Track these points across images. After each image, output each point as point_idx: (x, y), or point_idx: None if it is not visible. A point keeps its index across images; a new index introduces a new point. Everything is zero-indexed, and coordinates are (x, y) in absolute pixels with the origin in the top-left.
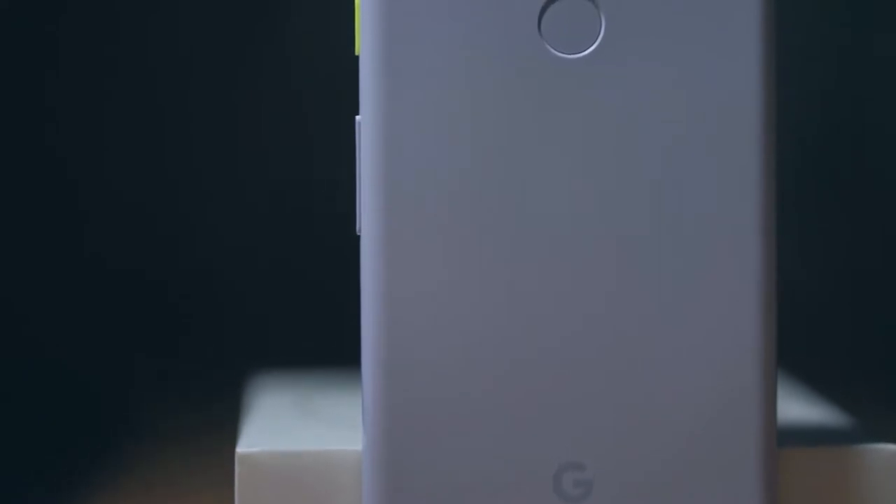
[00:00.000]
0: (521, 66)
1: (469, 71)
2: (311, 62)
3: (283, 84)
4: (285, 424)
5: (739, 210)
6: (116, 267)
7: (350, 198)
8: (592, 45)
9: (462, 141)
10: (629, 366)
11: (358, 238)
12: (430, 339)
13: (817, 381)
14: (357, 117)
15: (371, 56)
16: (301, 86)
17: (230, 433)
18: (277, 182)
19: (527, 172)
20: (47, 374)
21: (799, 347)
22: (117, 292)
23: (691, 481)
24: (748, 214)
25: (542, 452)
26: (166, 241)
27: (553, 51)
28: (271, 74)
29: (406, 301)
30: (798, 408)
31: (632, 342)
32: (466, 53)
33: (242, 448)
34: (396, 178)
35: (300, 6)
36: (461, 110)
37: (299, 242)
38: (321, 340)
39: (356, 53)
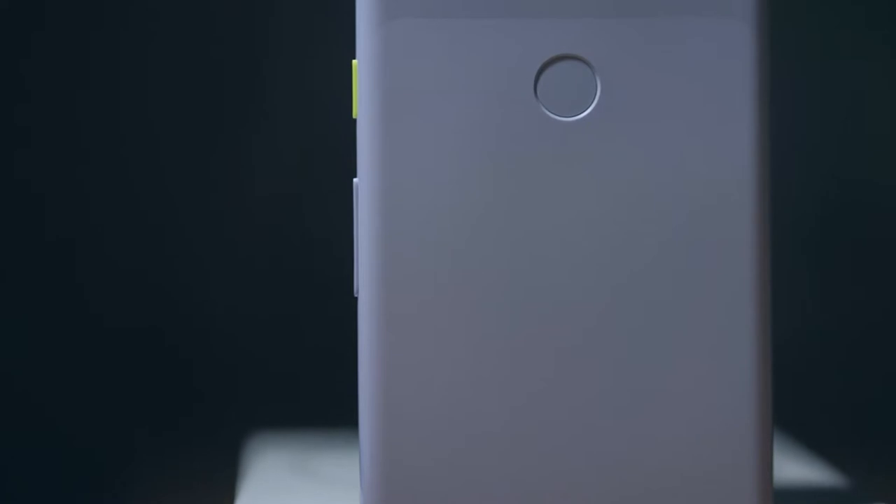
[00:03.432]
0: (518, 129)
1: (466, 134)
2: (308, 124)
3: (282, 144)
4: (283, 484)
5: (734, 270)
6: (113, 328)
7: (348, 259)
8: (588, 107)
9: (459, 203)
10: (623, 438)
11: (355, 300)
12: (427, 401)
13: (813, 443)
14: (355, 180)
15: (368, 119)
16: (300, 148)
17: (228, 493)
18: (275, 244)
19: (524, 235)
20: (42, 434)
21: (795, 409)
22: (114, 353)
23: None
24: (743, 274)
25: None
26: (163, 301)
27: (549, 113)
28: (270, 135)
29: (403, 363)
30: (794, 469)
31: (627, 410)
32: (463, 116)
33: None
34: (394, 240)
35: (298, 67)
36: (458, 173)
37: (297, 303)
38: (319, 401)
39: (353, 116)
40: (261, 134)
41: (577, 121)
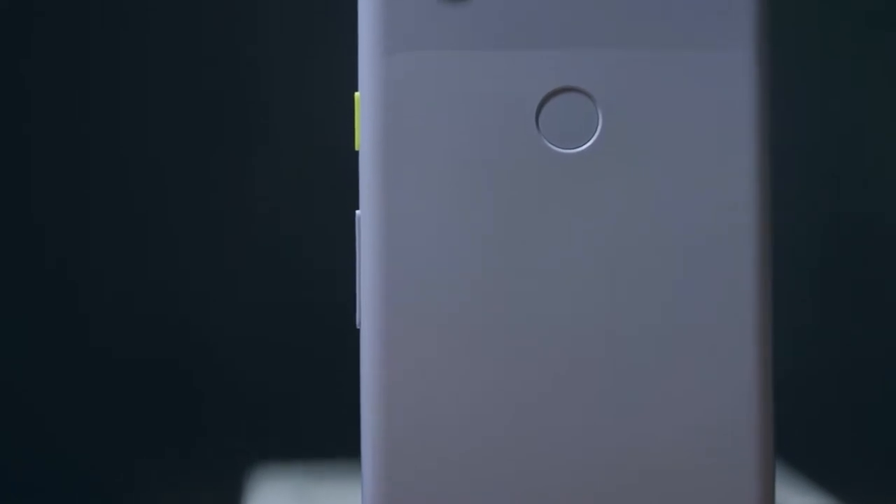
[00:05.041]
0: (520, 161)
1: (468, 166)
2: (310, 155)
3: (285, 175)
4: None
5: (736, 299)
6: (114, 357)
7: (350, 290)
8: (590, 140)
9: (461, 236)
10: (623, 464)
11: (358, 331)
12: (429, 432)
13: (815, 472)
14: (357, 212)
15: (371, 151)
16: (303, 178)
17: None
18: (277, 275)
19: (525, 266)
20: (49, 462)
21: (797, 437)
22: (115, 379)
23: None
24: (745, 305)
25: None
26: (167, 331)
27: (551, 146)
28: (272, 165)
29: (405, 393)
30: (796, 499)
31: (626, 436)
32: (465, 148)
33: None
34: (396, 272)
35: (299, 101)
36: (460, 205)
37: (300, 334)
38: (322, 430)
39: (356, 149)
40: (262, 164)
41: (579, 153)
